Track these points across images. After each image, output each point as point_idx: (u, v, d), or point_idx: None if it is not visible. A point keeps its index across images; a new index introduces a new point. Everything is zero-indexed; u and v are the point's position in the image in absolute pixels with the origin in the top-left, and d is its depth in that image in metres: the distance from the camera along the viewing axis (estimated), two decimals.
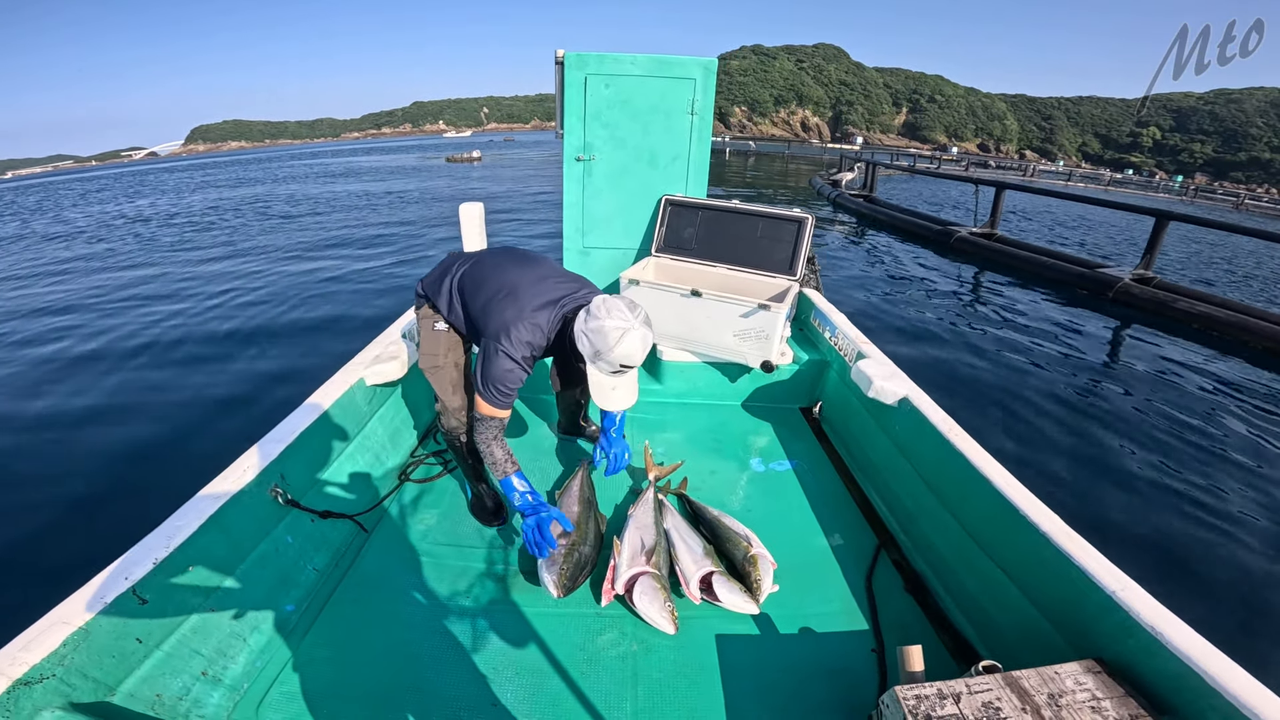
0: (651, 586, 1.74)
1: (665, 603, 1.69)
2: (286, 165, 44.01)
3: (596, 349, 1.61)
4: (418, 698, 1.51)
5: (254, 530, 1.69)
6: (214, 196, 22.12)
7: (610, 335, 1.57)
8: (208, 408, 4.43)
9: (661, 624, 1.67)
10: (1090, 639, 1.40)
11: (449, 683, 1.56)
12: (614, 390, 1.72)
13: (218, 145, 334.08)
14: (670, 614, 1.67)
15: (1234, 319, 7.14)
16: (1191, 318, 7.50)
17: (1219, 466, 4.10)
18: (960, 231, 12.06)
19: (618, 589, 1.78)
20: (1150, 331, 7.34)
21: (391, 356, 2.40)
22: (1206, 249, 15.57)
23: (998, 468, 1.82)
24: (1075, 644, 1.44)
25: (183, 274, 9.00)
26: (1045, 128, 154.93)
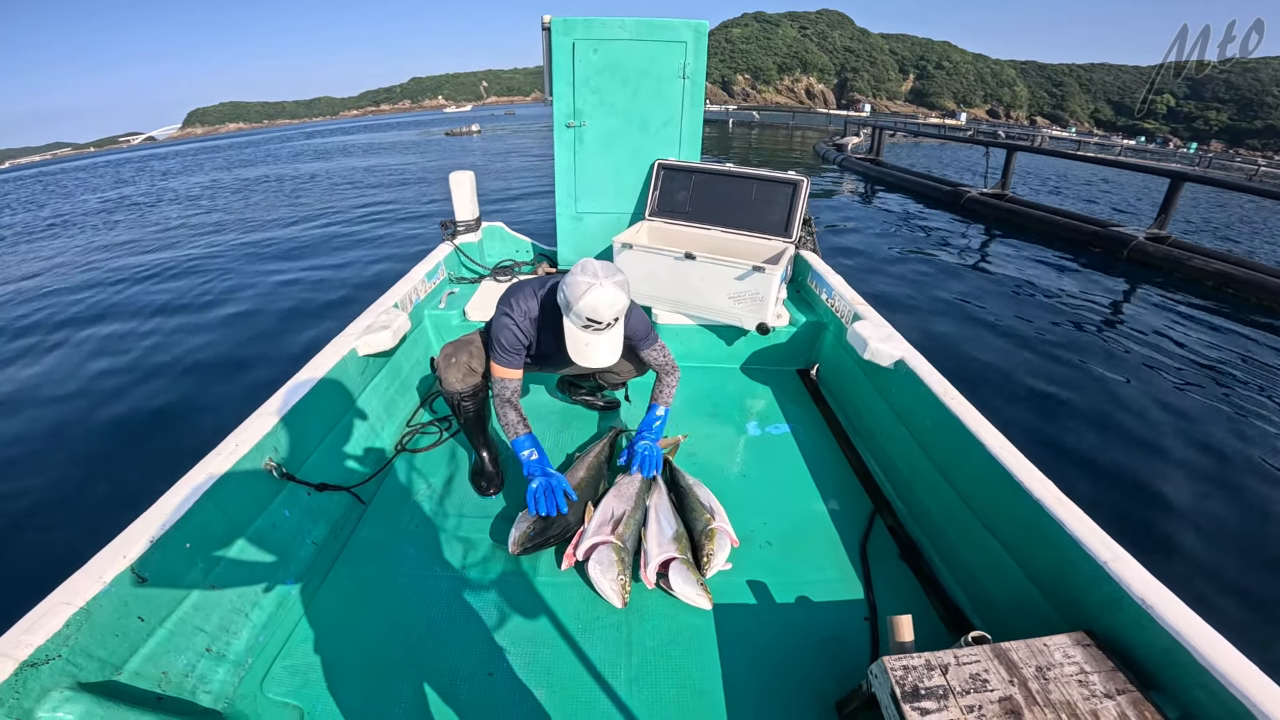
0: (608, 558, 1.72)
1: (618, 576, 1.68)
2: (284, 146, 43.39)
3: (567, 300, 1.72)
4: (415, 668, 1.53)
5: (250, 505, 1.69)
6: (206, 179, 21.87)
7: (579, 287, 1.67)
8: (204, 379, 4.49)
9: (609, 597, 1.66)
10: (1081, 610, 1.40)
11: (445, 653, 1.58)
12: (586, 346, 1.78)
13: (215, 128, 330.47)
14: (620, 588, 1.66)
15: (1250, 277, 7.06)
16: (1206, 275, 7.44)
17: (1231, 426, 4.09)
18: (970, 192, 11.94)
19: (578, 555, 1.79)
20: (1164, 290, 7.29)
21: (383, 326, 2.39)
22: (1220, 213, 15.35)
23: (993, 432, 1.80)
24: (1066, 615, 1.44)
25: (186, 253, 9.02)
26: (1056, 94, 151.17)
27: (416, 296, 2.97)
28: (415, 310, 2.91)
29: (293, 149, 36.91)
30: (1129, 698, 1.15)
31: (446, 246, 3.55)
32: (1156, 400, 4.41)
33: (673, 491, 2.11)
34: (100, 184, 24.81)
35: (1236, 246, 10.55)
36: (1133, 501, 3.28)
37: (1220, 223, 13.75)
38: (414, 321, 2.88)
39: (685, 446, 2.48)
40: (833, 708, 1.48)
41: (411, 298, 2.90)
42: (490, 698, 1.47)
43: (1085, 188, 17.96)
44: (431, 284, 3.22)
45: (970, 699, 1.15)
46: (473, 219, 3.71)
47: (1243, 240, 11.67)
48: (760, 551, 1.97)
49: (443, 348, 2.07)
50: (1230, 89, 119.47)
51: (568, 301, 1.71)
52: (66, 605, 1.18)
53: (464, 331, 3.09)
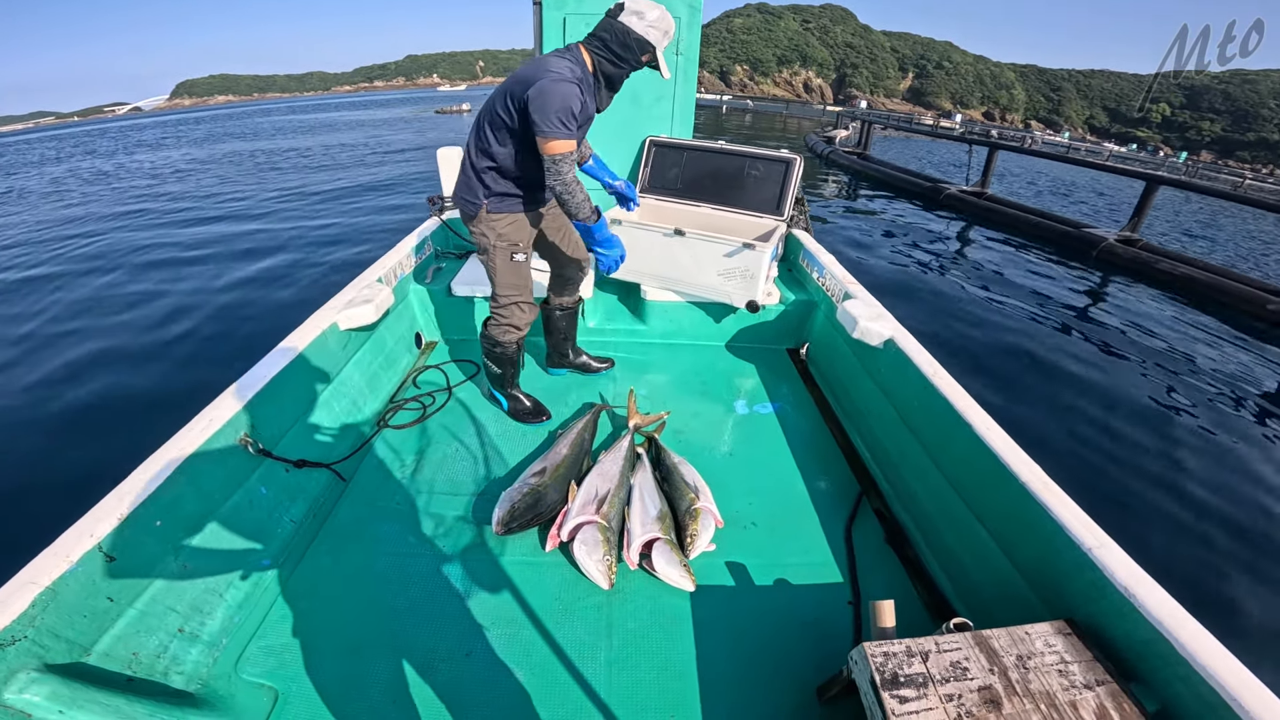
0: (593, 538, 1.69)
1: (604, 556, 1.65)
2: (270, 119, 42.44)
3: (665, 30, 1.87)
4: (393, 648, 1.51)
5: (225, 482, 1.64)
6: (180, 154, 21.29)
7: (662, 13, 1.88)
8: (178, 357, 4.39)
9: (595, 577, 1.64)
10: (1064, 598, 1.38)
11: (424, 633, 1.55)
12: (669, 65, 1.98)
13: (204, 100, 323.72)
14: (607, 568, 1.64)
15: (1213, 281, 7.21)
16: (1173, 279, 7.57)
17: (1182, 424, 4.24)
18: (950, 189, 12.08)
19: (562, 535, 1.76)
20: (1130, 290, 7.45)
21: (365, 300, 2.32)
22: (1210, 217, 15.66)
23: (980, 413, 1.78)
24: (1049, 602, 1.43)
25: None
26: (1053, 99, 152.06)
27: (402, 270, 2.90)
28: (400, 284, 2.85)
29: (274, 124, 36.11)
30: (1108, 689, 1.14)
31: (434, 221, 3.47)
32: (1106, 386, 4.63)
33: (657, 470, 2.09)
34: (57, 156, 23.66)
35: (1221, 254, 10.76)
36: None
37: (1219, 238, 14.02)
38: (398, 296, 2.82)
39: (672, 424, 2.45)
40: (813, 692, 1.47)
41: (396, 272, 2.83)
42: (468, 678, 1.45)
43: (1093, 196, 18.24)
44: (418, 258, 3.15)
45: (949, 687, 1.13)
46: None
47: (1229, 249, 11.89)
48: (745, 532, 1.95)
49: (499, 297, 2.17)
50: (1227, 100, 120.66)
51: (666, 32, 1.86)
52: (32, 585, 1.14)
53: (451, 307, 3.02)
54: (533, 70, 1.75)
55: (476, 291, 2.98)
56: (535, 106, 1.69)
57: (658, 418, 2.41)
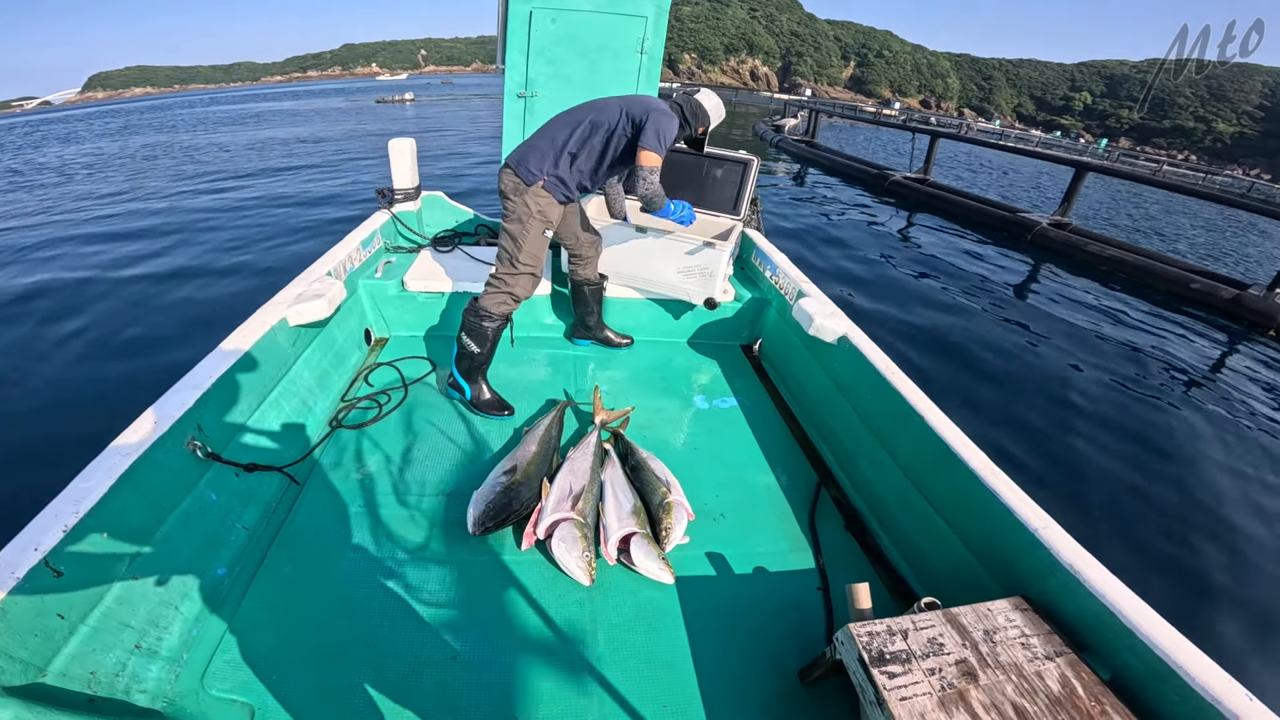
0: (571, 535, 1.68)
1: (584, 553, 1.65)
2: (187, 112, 39.72)
3: (721, 114, 2.46)
4: (373, 656, 1.46)
5: (172, 488, 1.54)
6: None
7: (721, 105, 2.48)
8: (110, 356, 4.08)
9: (576, 574, 1.64)
10: (1015, 577, 1.45)
11: (404, 638, 1.51)
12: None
13: (120, 92, 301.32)
14: (587, 565, 1.63)
15: (1139, 262, 7.71)
16: (1101, 260, 8.05)
17: (1109, 394, 4.54)
18: (895, 175, 12.46)
19: (538, 534, 1.74)
20: (1061, 272, 7.87)
21: (317, 295, 2.22)
22: (1127, 205, 16.68)
23: (930, 405, 1.87)
24: (1002, 582, 1.50)
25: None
26: (985, 87, 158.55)
27: (351, 265, 2.79)
28: (349, 279, 2.74)
29: (196, 116, 33.79)
30: (1066, 659, 1.21)
31: (383, 215, 3.34)
32: (1034, 358, 4.97)
33: (626, 465, 2.08)
34: None
35: (1143, 238, 11.52)
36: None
37: (1137, 216, 14.99)
38: (348, 290, 2.70)
39: (636, 420, 2.45)
40: (795, 676, 1.50)
41: (345, 266, 2.72)
42: (456, 682, 1.42)
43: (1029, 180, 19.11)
44: (367, 252, 3.03)
45: (930, 662, 1.19)
46: (412, 187, 3.50)
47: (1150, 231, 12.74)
48: (715, 524, 1.98)
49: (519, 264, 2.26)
50: (1145, 88, 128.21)
51: (720, 115, 2.45)
52: None
53: (403, 303, 2.92)
54: (656, 104, 2.29)
55: (430, 286, 2.90)
56: (651, 125, 2.18)
57: (623, 413, 2.40)
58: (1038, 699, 1.12)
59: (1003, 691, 1.14)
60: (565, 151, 2.22)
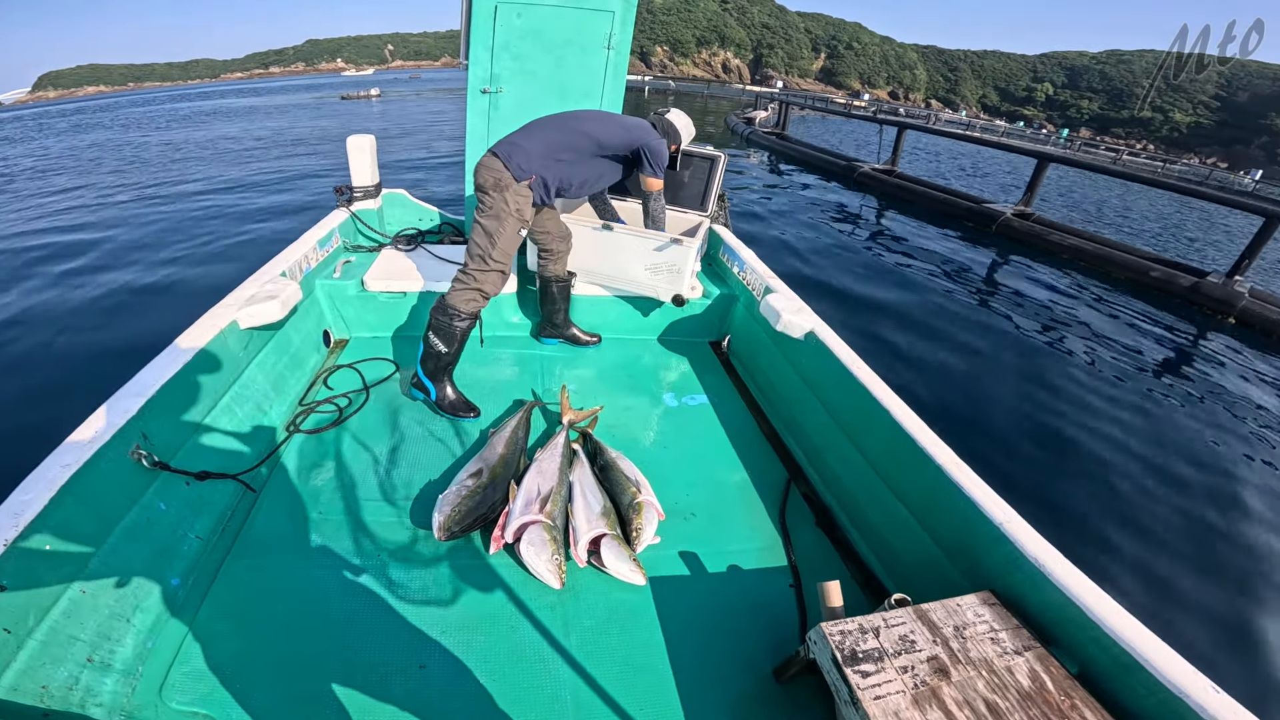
0: (540, 538, 1.64)
1: (553, 556, 1.61)
2: (146, 109, 38.16)
3: (691, 133, 2.71)
4: (339, 665, 1.42)
5: (117, 499, 1.48)
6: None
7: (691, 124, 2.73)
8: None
9: (546, 578, 1.60)
10: (982, 571, 1.45)
11: (371, 647, 1.46)
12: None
13: (71, 91, 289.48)
14: (557, 568, 1.60)
15: (1100, 251, 7.91)
16: (1062, 249, 8.25)
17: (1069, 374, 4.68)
18: (864, 167, 12.60)
19: (507, 537, 1.70)
20: (1025, 260, 8.05)
21: (270, 296, 2.13)
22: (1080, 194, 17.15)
23: (896, 400, 1.87)
24: (970, 576, 1.50)
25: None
26: (951, 79, 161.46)
27: (307, 265, 2.68)
28: (305, 279, 2.64)
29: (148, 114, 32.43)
30: (1035, 653, 1.21)
31: (342, 213, 3.22)
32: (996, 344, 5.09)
33: (595, 465, 2.04)
34: None
35: (1104, 225, 11.82)
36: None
37: (1093, 202, 15.38)
38: (305, 291, 2.61)
39: (604, 419, 2.40)
40: (769, 675, 1.49)
41: (301, 266, 2.62)
42: (425, 690, 1.38)
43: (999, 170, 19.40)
44: (324, 252, 2.92)
45: (903, 660, 1.18)
46: (372, 185, 3.38)
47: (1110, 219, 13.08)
48: (686, 524, 1.95)
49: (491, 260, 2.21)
50: (1104, 79, 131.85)
51: (691, 134, 2.70)
52: None
53: (362, 303, 2.83)
54: (640, 127, 2.45)
55: (391, 286, 2.81)
56: (651, 157, 2.41)
57: (591, 413, 2.36)
58: (1009, 694, 1.12)
59: (974, 688, 1.13)
60: (556, 158, 2.24)
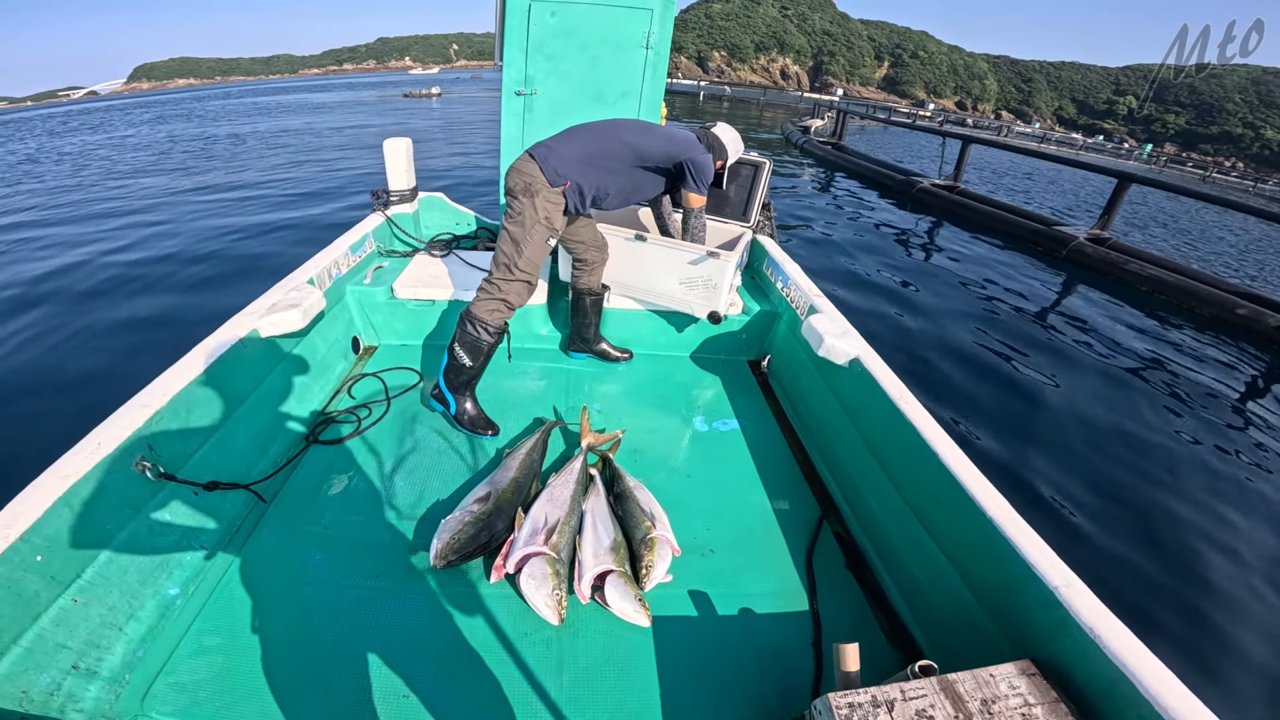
0: (541, 571, 1.57)
1: (553, 591, 1.53)
2: (226, 102, 40.40)
3: (739, 149, 2.54)
4: (321, 687, 1.39)
5: (118, 510, 1.49)
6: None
7: (740, 141, 2.57)
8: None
9: (544, 613, 1.53)
10: (1026, 633, 1.33)
11: (356, 671, 1.43)
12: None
13: (163, 83, 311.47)
14: (556, 604, 1.52)
15: (1182, 284, 7.19)
16: (1140, 280, 7.53)
17: (1144, 435, 4.09)
18: (923, 182, 12.00)
19: (508, 567, 1.63)
20: (1096, 291, 7.33)
21: (292, 304, 2.12)
22: (1182, 219, 15.89)
23: (947, 441, 1.70)
24: (1010, 637, 1.37)
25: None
26: (1024, 90, 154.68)
27: (337, 270, 2.69)
28: (335, 285, 2.64)
29: (226, 107, 34.30)
30: None
31: (377, 217, 3.24)
32: (1067, 389, 4.51)
33: (611, 494, 1.95)
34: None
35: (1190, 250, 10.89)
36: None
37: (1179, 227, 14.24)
38: (334, 298, 2.62)
39: (628, 442, 2.31)
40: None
41: (331, 272, 2.62)
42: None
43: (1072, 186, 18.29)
44: (357, 257, 2.93)
45: None
46: (408, 189, 3.40)
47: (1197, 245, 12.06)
48: (702, 561, 1.84)
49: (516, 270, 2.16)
50: (1192, 94, 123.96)
51: (738, 150, 2.53)
52: None
53: (392, 311, 2.82)
54: (685, 139, 2.34)
55: (420, 294, 2.79)
56: (695, 172, 2.31)
57: (612, 436, 2.26)
58: None
59: None
60: (594, 166, 2.17)
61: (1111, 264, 7.92)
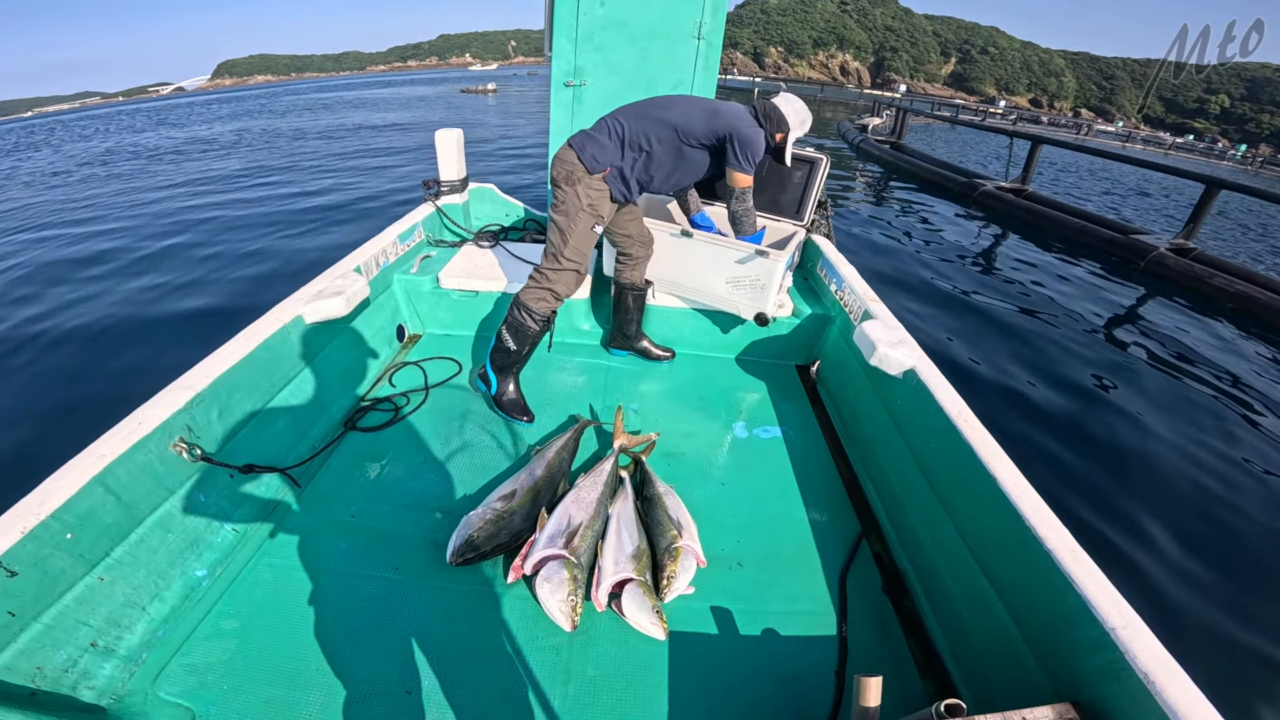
0: (558, 576, 1.52)
1: (568, 597, 1.49)
2: (299, 98, 42.43)
3: (802, 120, 2.28)
4: (326, 678, 1.39)
5: (153, 491, 1.50)
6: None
7: (807, 111, 2.30)
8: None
9: (558, 619, 1.48)
10: (1072, 673, 1.22)
11: (362, 664, 1.43)
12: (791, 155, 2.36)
13: (244, 79, 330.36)
14: (570, 610, 1.47)
15: (1275, 301, 6.51)
16: (1228, 296, 6.78)
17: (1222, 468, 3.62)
18: (986, 185, 11.27)
19: (525, 569, 1.59)
20: (1177, 307, 6.63)
21: (336, 291, 2.15)
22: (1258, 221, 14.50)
23: (1008, 465, 1.56)
24: (1053, 679, 1.27)
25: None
26: (1106, 87, 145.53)
27: (385, 259, 2.72)
28: (383, 273, 2.68)
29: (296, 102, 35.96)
30: None
31: (427, 207, 3.29)
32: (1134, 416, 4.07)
33: (639, 498, 1.89)
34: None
35: None
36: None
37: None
38: (381, 286, 2.65)
39: (662, 445, 2.24)
40: None
41: (379, 260, 2.65)
42: (404, 717, 1.33)
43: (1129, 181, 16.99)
44: (406, 246, 2.96)
45: None
46: (458, 179, 3.43)
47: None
48: (729, 574, 1.76)
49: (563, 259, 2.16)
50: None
51: (802, 121, 2.28)
52: None
53: (437, 300, 2.84)
54: (732, 112, 2.17)
55: (464, 284, 2.80)
56: (739, 146, 2.13)
57: (646, 439, 2.20)
58: None
59: None
60: (638, 148, 2.12)
61: (1195, 278, 7.18)
